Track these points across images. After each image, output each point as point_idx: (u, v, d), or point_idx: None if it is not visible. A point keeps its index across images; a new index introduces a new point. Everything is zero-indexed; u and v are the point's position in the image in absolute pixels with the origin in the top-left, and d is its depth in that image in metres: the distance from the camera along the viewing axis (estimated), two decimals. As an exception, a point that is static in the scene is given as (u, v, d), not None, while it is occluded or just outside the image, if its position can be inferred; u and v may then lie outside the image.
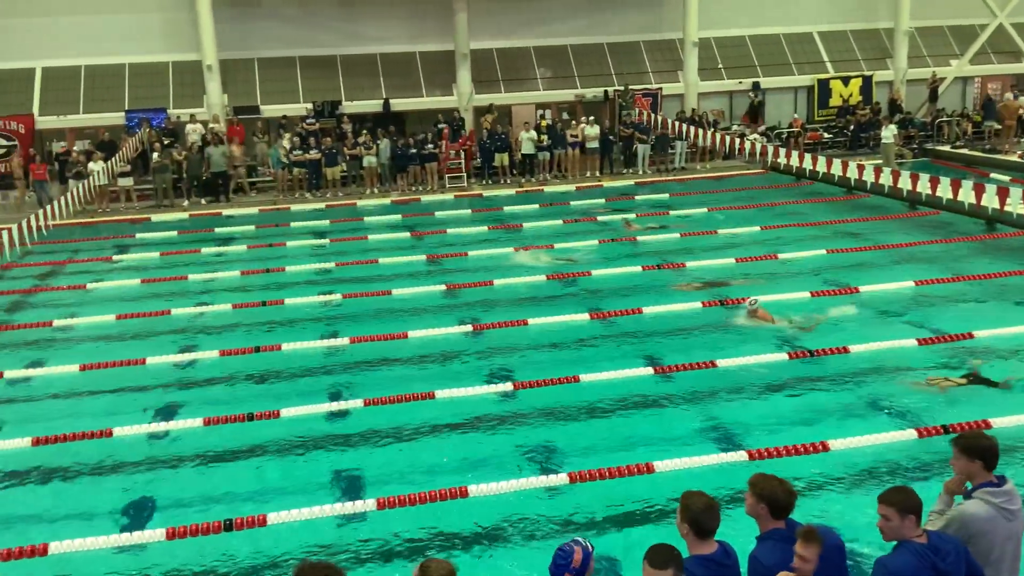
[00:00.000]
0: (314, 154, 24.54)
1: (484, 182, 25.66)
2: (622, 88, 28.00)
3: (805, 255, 15.89)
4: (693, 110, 28.30)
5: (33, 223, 16.46)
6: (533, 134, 25.65)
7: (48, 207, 18.13)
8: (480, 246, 17.82)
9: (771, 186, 23.37)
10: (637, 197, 22.72)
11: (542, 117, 27.40)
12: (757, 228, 18.09)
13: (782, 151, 23.04)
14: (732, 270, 15.19)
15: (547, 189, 24.47)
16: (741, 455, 8.23)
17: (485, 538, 7.41)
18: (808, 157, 21.89)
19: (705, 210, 20.30)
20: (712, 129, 26.41)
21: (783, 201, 20.98)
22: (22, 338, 13.42)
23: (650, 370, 10.65)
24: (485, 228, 19.57)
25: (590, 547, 4.37)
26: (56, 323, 13.82)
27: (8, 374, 11.56)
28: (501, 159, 25.55)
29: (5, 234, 15.20)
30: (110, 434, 9.34)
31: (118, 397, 10.89)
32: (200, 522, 7.46)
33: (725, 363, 10.60)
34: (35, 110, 25.93)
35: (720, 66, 30.08)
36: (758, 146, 24.26)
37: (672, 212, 20.52)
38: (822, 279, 14.43)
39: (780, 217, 19.38)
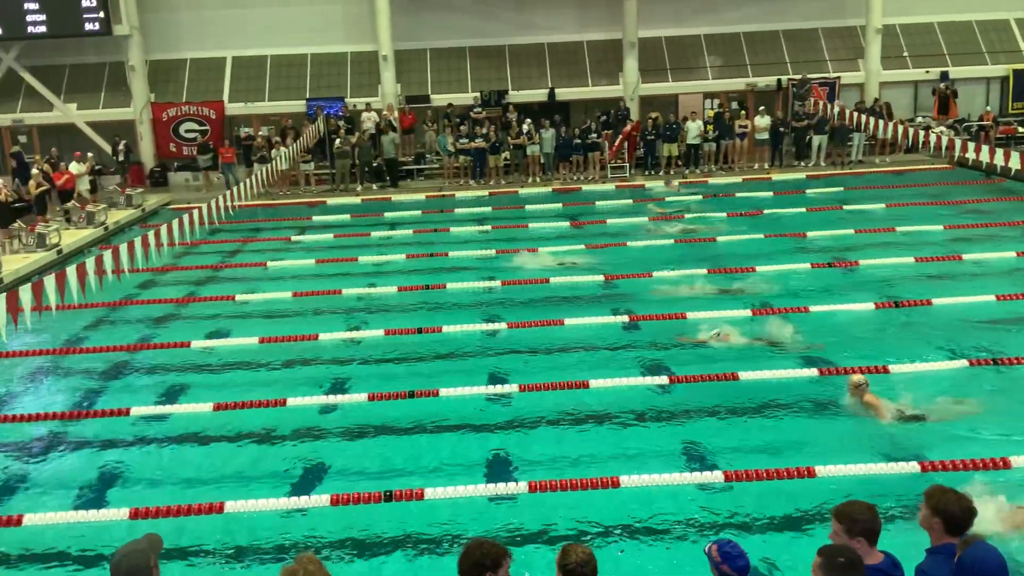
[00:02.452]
0: (479, 142, 25.02)
1: (647, 172, 25.36)
2: (797, 77, 26.90)
3: (992, 256, 14.79)
4: (876, 100, 26.83)
5: (221, 203, 17.66)
6: (700, 124, 25.10)
7: (234, 189, 19.41)
8: (640, 237, 17.63)
9: (958, 182, 21.86)
10: (808, 191, 21.82)
11: (711, 107, 26.77)
12: (940, 227, 16.98)
13: (971, 145, 21.45)
14: (910, 270, 14.34)
15: (712, 181, 23.91)
16: (913, 466, 7.79)
17: (634, 530, 7.36)
18: (1000, 152, 20.29)
19: (883, 206, 19.24)
20: (894, 120, 24.95)
21: (970, 199, 19.59)
22: (208, 310, 14.45)
23: (814, 371, 10.23)
24: (646, 219, 19.35)
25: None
26: (238, 298, 14.81)
27: (195, 343, 12.48)
28: (669, 150, 25.13)
29: (196, 213, 16.39)
30: (284, 403, 9.92)
31: (292, 369, 11.54)
32: (362, 491, 7.81)
33: (898, 368, 10.04)
34: (225, 97, 27.74)
35: (905, 54, 28.34)
36: (944, 139, 22.71)
37: (846, 207, 19.58)
38: (1011, 282, 13.38)
39: (966, 216, 18.10)
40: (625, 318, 12.62)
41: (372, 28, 27.25)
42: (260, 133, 25.76)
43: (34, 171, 21.44)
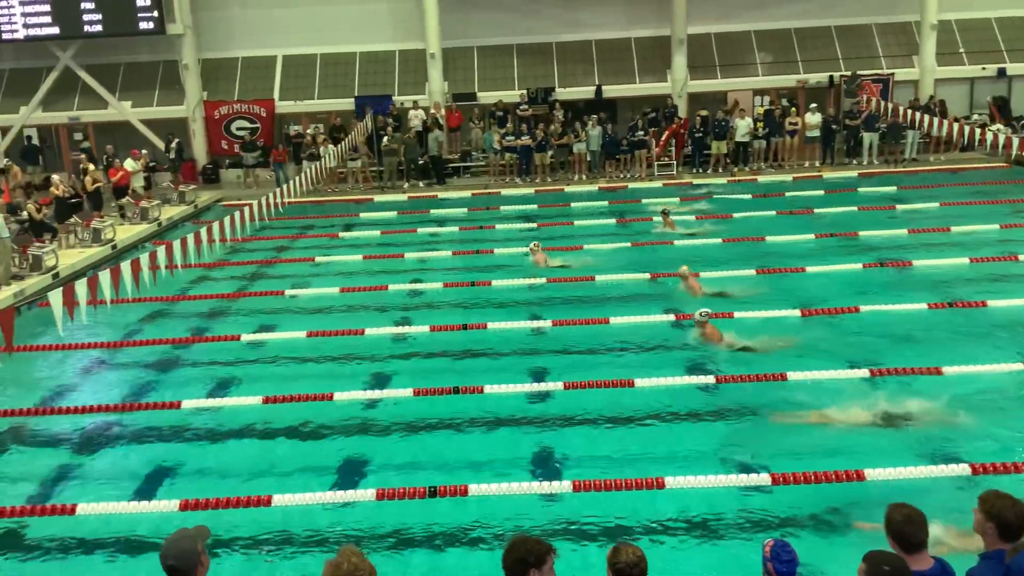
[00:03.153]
0: (525, 140, 25.01)
1: (695, 170, 25.13)
2: (849, 74, 26.45)
3: (1052, 257, 14.40)
4: (931, 97, 26.26)
5: (271, 200, 17.91)
6: (749, 121, 24.79)
7: (284, 186, 19.67)
8: (687, 236, 17.47)
9: (1015, 181, 21.30)
10: (860, 189, 21.43)
11: (760, 104, 26.45)
12: (996, 226, 16.57)
13: (1030, 143, 20.86)
14: (965, 270, 14.01)
15: (761, 179, 23.60)
16: (963, 468, 7.61)
17: (679, 530, 7.31)
18: (1060, 150, 19.72)
19: (937, 205, 18.83)
20: (949, 118, 24.39)
21: (1028, 198, 19.10)
22: (258, 305, 14.66)
23: (865, 372, 10.05)
24: (693, 217, 19.18)
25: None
26: (287, 293, 15.02)
27: (245, 337, 12.68)
28: (718, 147, 24.87)
29: (246, 210, 16.64)
30: (331, 398, 10.03)
31: (338, 364, 11.66)
32: (407, 486, 7.87)
33: (952, 370, 9.82)
34: (275, 95, 28.10)
35: (961, 50, 27.68)
36: (1001, 137, 22.12)
37: (899, 206, 19.19)
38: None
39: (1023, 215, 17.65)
40: (671, 317, 12.52)
41: (420, 26, 27.38)
42: (308, 131, 26.06)
43: (90, 167, 21.95)
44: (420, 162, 25.50)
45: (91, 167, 21.85)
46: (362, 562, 3.95)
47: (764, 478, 7.80)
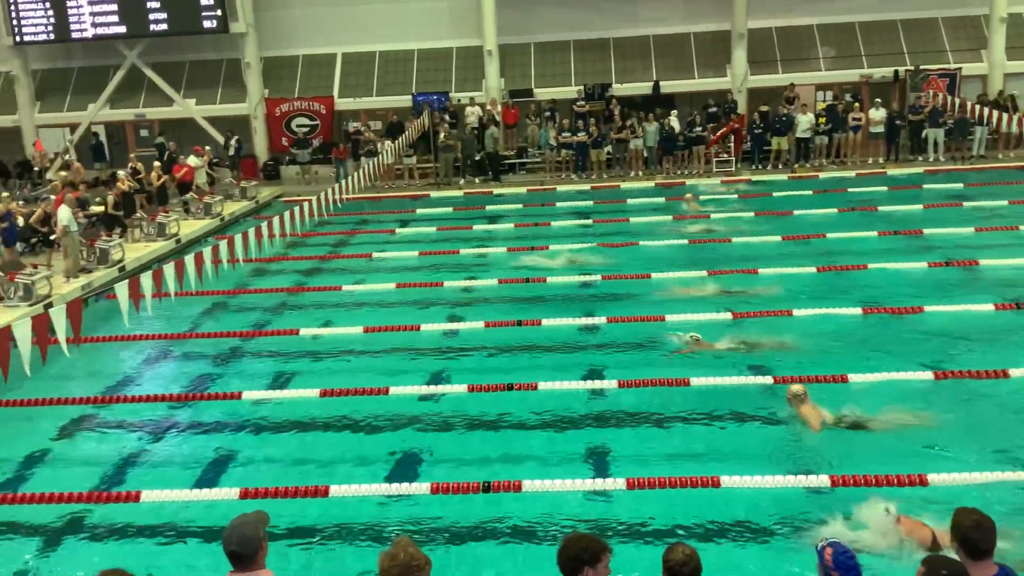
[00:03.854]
0: (582, 136, 24.94)
1: (754, 167, 24.78)
2: (914, 68, 25.80)
3: None
4: (1000, 92, 25.47)
5: (330, 196, 18.15)
6: (811, 117, 24.35)
7: (342, 182, 19.92)
8: (745, 233, 17.23)
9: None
10: (925, 186, 20.91)
11: (822, 100, 25.95)
12: (1068, 225, 16.04)
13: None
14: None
15: (823, 175, 23.17)
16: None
17: (734, 529, 7.22)
18: None
19: (1006, 203, 18.27)
20: (1019, 113, 23.62)
21: (1104, 196, 18.42)
22: (316, 300, 14.88)
23: (930, 375, 9.80)
24: (751, 214, 18.92)
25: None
26: (344, 288, 15.21)
27: (303, 331, 12.88)
28: (779, 143, 24.48)
29: (306, 205, 16.90)
30: (386, 392, 10.13)
31: (394, 359, 11.78)
32: (461, 481, 7.92)
33: (1018, 373, 9.53)
34: (335, 92, 28.46)
35: (1033, 43, 26.80)
36: (1076, 133, 21.39)
37: (966, 204, 18.66)
38: None
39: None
40: (728, 315, 12.37)
41: (477, 23, 27.47)
42: (363, 128, 26.35)
43: (155, 163, 22.51)
44: (476, 158, 25.59)
45: (138, 167, 22.24)
46: (418, 553, 3.98)
47: (823, 480, 7.66)
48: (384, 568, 3.94)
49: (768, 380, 9.99)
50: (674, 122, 24.93)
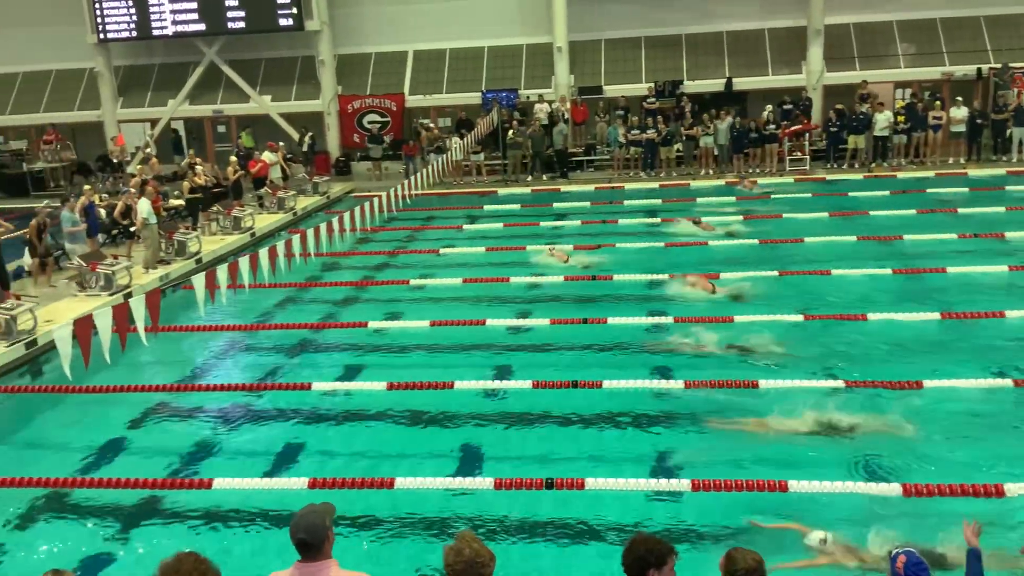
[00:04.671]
0: (651, 134, 24.71)
1: (829, 165, 24.23)
2: (999, 66, 24.88)
3: None
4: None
5: (399, 192, 18.36)
6: (889, 115, 23.69)
7: (412, 178, 20.12)
8: (819, 233, 16.86)
9: None
10: (1008, 187, 20.16)
11: (901, 98, 25.23)
12: None
13: None
14: None
15: (901, 175, 22.52)
16: None
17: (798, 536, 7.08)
18: None
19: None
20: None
21: None
22: (384, 294, 15.07)
23: (1008, 382, 9.46)
24: (826, 214, 18.50)
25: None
26: (412, 282, 15.36)
27: (372, 324, 13.05)
28: (855, 141, 23.88)
29: (376, 201, 17.11)
30: (451, 386, 10.21)
31: (460, 353, 11.85)
32: (524, 477, 7.93)
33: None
34: (406, 90, 28.76)
35: None
36: None
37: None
38: None
39: None
40: (800, 317, 12.12)
41: (548, 20, 27.43)
42: (432, 125, 26.57)
43: (231, 158, 23.07)
44: (545, 155, 25.56)
45: (234, 159, 22.97)
46: (482, 548, 3.99)
47: (895, 488, 7.45)
48: (449, 562, 3.96)
49: (839, 384, 9.77)
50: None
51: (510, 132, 25.29)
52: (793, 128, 24.30)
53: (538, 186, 24.50)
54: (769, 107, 24.75)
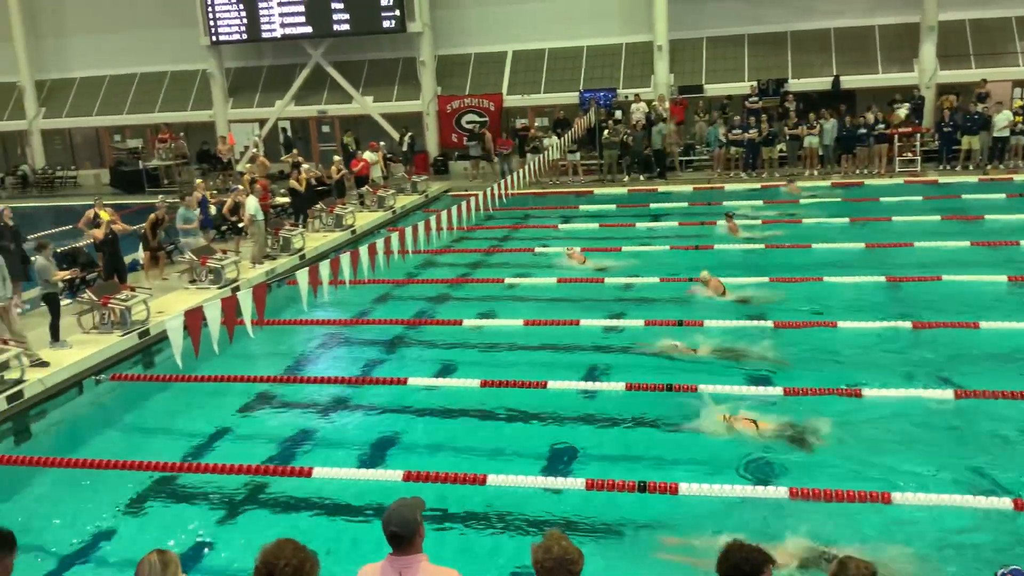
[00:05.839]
0: (752, 133, 24.20)
1: (941, 167, 23.24)
2: None
3: None
4: None
5: (496, 191, 18.49)
6: (1008, 115, 22.56)
7: (508, 177, 20.24)
8: (930, 238, 16.19)
9: None
10: None
11: (1020, 97, 24.00)
12: None
13: None
14: None
15: (1018, 178, 21.43)
16: None
17: (905, 549, 6.81)
18: None
19: None
20: None
21: None
22: (479, 292, 15.19)
23: None
24: (938, 218, 17.75)
25: None
26: (507, 281, 15.45)
27: (467, 322, 13.18)
28: (970, 142, 22.83)
29: (472, 200, 17.28)
30: (544, 385, 10.22)
31: (553, 353, 11.85)
32: (616, 479, 7.87)
33: None
34: (504, 90, 28.93)
35: None
36: None
37: None
38: None
39: None
40: (908, 324, 11.67)
41: (648, 18, 27.18)
42: (534, 125, 26.62)
43: (335, 158, 23.66)
44: (643, 155, 25.31)
45: (338, 159, 23.61)
46: (571, 547, 3.99)
47: (1005, 503, 7.10)
48: (538, 559, 3.96)
49: (948, 395, 9.36)
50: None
51: (605, 132, 25.15)
52: (904, 130, 23.40)
53: (635, 186, 24.30)
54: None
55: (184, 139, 30.12)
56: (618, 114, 26.43)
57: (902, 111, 23.86)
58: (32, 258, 13.88)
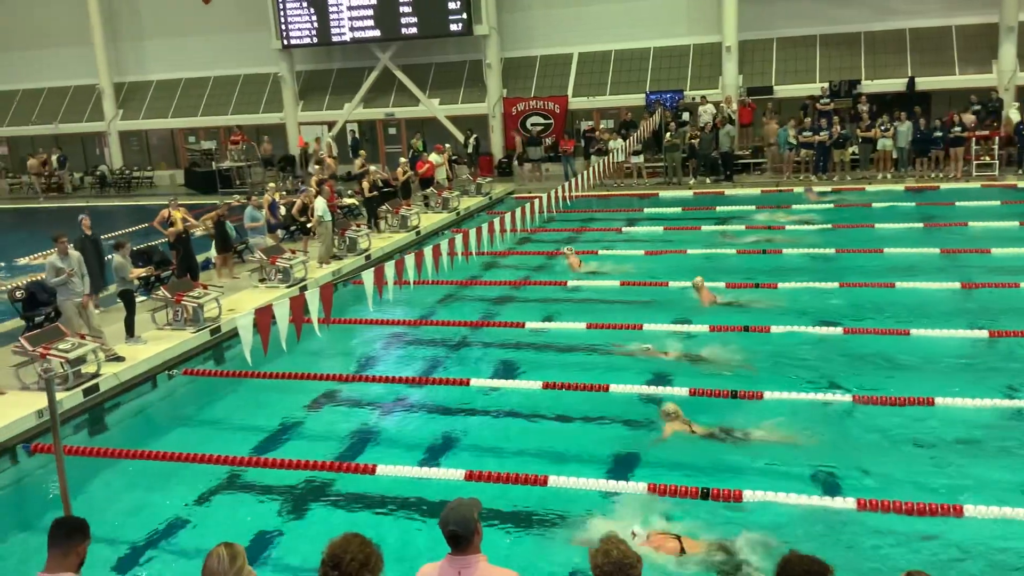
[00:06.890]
0: (823, 136, 23.72)
1: (1021, 171, 22.45)
2: None
3: None
4: None
5: (559, 193, 18.45)
6: (1093, 117, 21.73)
7: (572, 179, 20.19)
8: (1008, 243, 15.66)
9: None
10: None
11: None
12: None
13: None
14: None
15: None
16: None
17: (978, 565, 6.60)
18: None
19: None
20: None
21: None
22: (542, 294, 15.20)
23: None
24: (1016, 223, 17.16)
25: None
26: (569, 283, 15.41)
27: (529, 324, 13.20)
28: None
29: (536, 202, 17.27)
30: (606, 389, 10.18)
31: (615, 356, 11.79)
32: (679, 484, 7.79)
33: None
34: (569, 92, 28.88)
35: None
36: None
37: None
38: None
39: None
40: (984, 333, 11.31)
41: (716, 19, 26.86)
42: (600, 127, 26.52)
43: (401, 160, 23.92)
44: (711, 157, 25.01)
45: (403, 160, 23.88)
46: (630, 551, 3.97)
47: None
48: (597, 563, 3.95)
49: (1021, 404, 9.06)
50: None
51: (667, 134, 24.92)
52: (982, 134, 22.68)
53: (701, 189, 24.03)
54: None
55: (268, 141, 30.54)
56: (684, 116, 26.15)
57: (967, 116, 23.07)
58: (109, 256, 14.32)
